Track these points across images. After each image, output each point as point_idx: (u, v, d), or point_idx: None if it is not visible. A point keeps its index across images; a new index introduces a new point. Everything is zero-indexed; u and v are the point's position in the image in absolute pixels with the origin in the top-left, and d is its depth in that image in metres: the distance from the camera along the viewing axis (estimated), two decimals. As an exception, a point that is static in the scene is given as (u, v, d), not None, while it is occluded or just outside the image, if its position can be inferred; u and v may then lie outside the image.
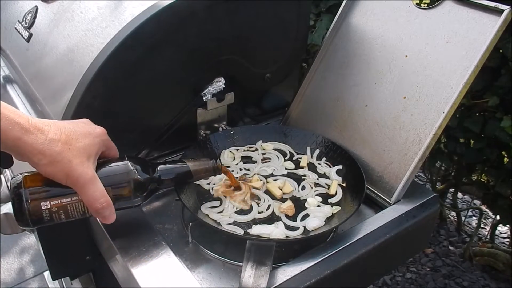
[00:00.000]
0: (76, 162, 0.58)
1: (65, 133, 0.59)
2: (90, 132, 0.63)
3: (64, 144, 0.58)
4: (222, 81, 0.89)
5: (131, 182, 0.64)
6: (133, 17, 0.75)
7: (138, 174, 0.65)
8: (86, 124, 0.65)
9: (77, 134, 0.61)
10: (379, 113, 0.86)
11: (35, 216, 0.60)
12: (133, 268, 0.65)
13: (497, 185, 1.46)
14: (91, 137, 0.62)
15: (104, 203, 0.60)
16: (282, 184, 0.83)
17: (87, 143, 0.61)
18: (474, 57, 0.74)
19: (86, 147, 0.61)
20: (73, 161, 0.58)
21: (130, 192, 0.64)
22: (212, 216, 0.75)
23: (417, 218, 0.78)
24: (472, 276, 1.80)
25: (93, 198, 0.60)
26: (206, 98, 0.89)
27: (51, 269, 0.84)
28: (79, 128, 0.62)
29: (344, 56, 0.93)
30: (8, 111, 0.56)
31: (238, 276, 0.63)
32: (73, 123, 0.64)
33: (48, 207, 0.60)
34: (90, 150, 0.61)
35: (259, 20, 0.90)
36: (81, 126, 0.64)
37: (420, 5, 0.84)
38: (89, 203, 0.60)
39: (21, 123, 0.56)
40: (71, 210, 0.62)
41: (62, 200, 0.61)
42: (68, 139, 0.59)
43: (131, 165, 0.65)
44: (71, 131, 0.60)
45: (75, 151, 0.59)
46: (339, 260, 0.68)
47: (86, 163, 0.60)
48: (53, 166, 0.58)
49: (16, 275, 1.92)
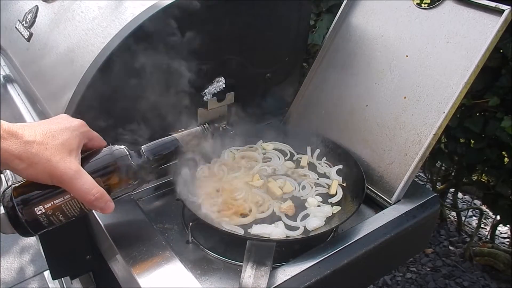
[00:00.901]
0: (56, 160, 0.57)
1: (40, 133, 0.58)
2: (67, 126, 0.62)
3: (39, 144, 0.57)
4: (222, 81, 0.89)
5: (120, 167, 0.63)
6: (133, 16, 0.75)
7: (126, 158, 0.63)
8: (62, 119, 0.64)
9: (53, 132, 0.60)
10: (379, 113, 0.86)
11: (32, 223, 0.60)
12: (133, 268, 0.65)
13: (498, 185, 1.46)
14: (69, 132, 0.61)
15: (97, 194, 0.59)
16: (282, 183, 0.83)
17: (65, 138, 0.60)
18: (474, 57, 0.74)
19: (64, 143, 0.59)
20: (53, 159, 0.57)
21: (121, 178, 0.63)
22: (212, 216, 0.75)
23: (417, 218, 0.78)
24: (472, 276, 1.80)
25: (83, 191, 0.58)
26: (206, 97, 0.89)
27: (51, 268, 0.84)
28: (54, 125, 0.61)
29: (344, 56, 0.93)
30: None
31: (238, 276, 0.63)
32: (48, 122, 0.62)
33: (43, 211, 0.59)
34: (69, 144, 0.60)
35: (259, 20, 0.90)
36: (57, 122, 0.62)
37: (420, 5, 0.84)
38: (81, 197, 0.59)
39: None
40: (67, 209, 0.61)
41: (54, 201, 0.60)
42: (44, 138, 0.58)
43: (116, 150, 0.64)
44: (45, 130, 0.59)
45: (53, 149, 0.58)
46: (339, 260, 0.68)
47: (68, 158, 0.58)
48: (33, 169, 0.57)
49: (16, 275, 1.92)
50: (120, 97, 0.78)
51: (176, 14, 0.77)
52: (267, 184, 0.83)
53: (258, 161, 0.89)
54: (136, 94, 0.80)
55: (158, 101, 0.85)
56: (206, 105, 0.91)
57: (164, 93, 0.85)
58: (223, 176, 0.84)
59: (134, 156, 0.65)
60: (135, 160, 0.65)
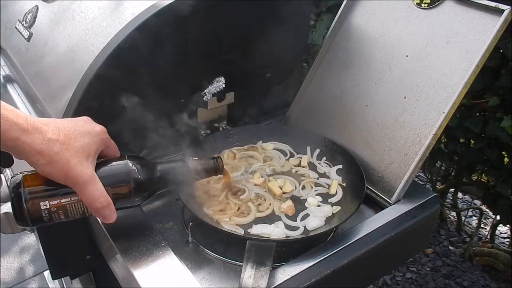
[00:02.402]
0: (74, 162, 0.58)
1: (64, 133, 0.59)
2: (89, 131, 0.63)
3: (62, 144, 0.58)
4: (222, 80, 0.89)
5: (131, 181, 0.64)
6: (133, 16, 0.75)
7: (138, 174, 0.65)
8: (85, 122, 0.65)
9: (76, 133, 0.60)
10: (379, 113, 0.86)
11: (34, 215, 0.60)
12: (133, 268, 0.65)
13: (497, 185, 1.46)
14: (90, 136, 0.62)
15: (104, 203, 0.60)
16: (282, 183, 0.83)
17: (86, 142, 0.61)
18: (474, 57, 0.74)
19: (85, 147, 0.60)
20: (71, 161, 0.58)
21: (130, 191, 0.64)
22: (212, 216, 0.75)
23: (417, 218, 0.78)
24: (472, 276, 1.80)
25: (92, 197, 0.59)
26: (206, 97, 0.89)
27: (51, 268, 0.84)
28: (78, 127, 0.62)
29: (344, 56, 0.93)
30: (7, 111, 0.55)
31: (238, 276, 0.63)
32: (72, 122, 0.63)
33: (47, 207, 0.60)
34: (89, 149, 0.61)
35: (259, 20, 0.90)
36: (80, 124, 0.63)
37: (420, 5, 0.84)
38: (89, 203, 0.60)
39: (20, 123, 0.56)
40: (71, 210, 0.62)
41: (61, 200, 0.60)
42: (67, 138, 0.59)
43: (131, 164, 0.65)
44: (69, 130, 0.60)
45: (74, 151, 0.59)
46: (339, 260, 0.68)
47: (85, 163, 0.59)
48: (51, 166, 0.57)
49: (16, 275, 1.92)
50: (120, 98, 0.78)
51: (176, 14, 0.77)
52: (267, 183, 0.83)
53: (259, 160, 0.89)
54: (136, 94, 0.80)
55: (158, 100, 0.85)
56: (206, 105, 0.91)
57: (164, 93, 0.85)
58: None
59: (145, 172, 0.66)
60: (146, 176, 0.66)
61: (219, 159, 0.74)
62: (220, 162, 0.74)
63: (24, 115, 0.57)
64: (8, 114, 0.55)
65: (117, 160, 0.66)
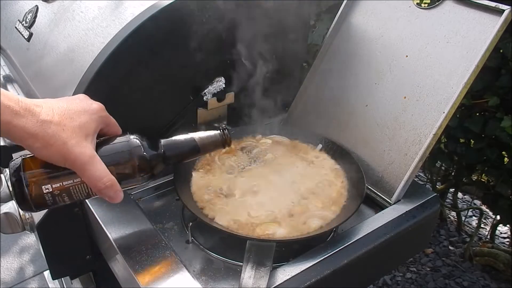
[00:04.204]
0: (72, 143, 0.55)
1: (58, 113, 0.56)
2: (86, 109, 0.59)
3: (57, 125, 0.55)
4: (222, 80, 0.89)
5: (135, 158, 0.60)
6: (133, 16, 0.75)
7: (143, 150, 0.61)
8: (81, 100, 0.61)
9: (72, 113, 0.57)
10: (379, 113, 0.86)
11: (37, 200, 0.58)
12: (133, 268, 0.65)
13: (497, 185, 1.46)
14: (87, 114, 0.59)
15: (108, 182, 0.57)
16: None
17: (83, 121, 0.57)
18: (474, 57, 0.74)
19: (82, 126, 0.57)
20: (69, 142, 0.55)
21: (135, 169, 0.61)
22: (212, 215, 0.75)
23: (417, 218, 0.78)
24: (472, 276, 1.80)
25: (94, 178, 0.56)
26: (206, 98, 0.89)
27: (51, 268, 0.84)
28: (73, 106, 0.58)
29: (344, 56, 0.93)
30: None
31: (238, 276, 0.63)
32: (67, 100, 0.59)
33: (50, 190, 0.57)
34: (87, 128, 0.57)
35: (259, 20, 0.90)
36: (76, 103, 0.59)
37: (420, 5, 0.84)
38: (92, 184, 0.57)
39: (11, 106, 0.52)
40: (74, 192, 0.59)
41: (64, 182, 0.58)
42: (62, 119, 0.56)
43: (134, 140, 0.61)
44: (64, 110, 0.57)
45: (70, 131, 0.55)
46: (339, 260, 0.68)
47: (84, 143, 0.56)
48: (48, 150, 0.55)
49: (16, 275, 1.92)
50: (120, 98, 0.78)
51: (176, 14, 0.77)
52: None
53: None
54: (136, 94, 0.80)
55: (158, 100, 0.85)
56: (206, 105, 0.91)
57: (164, 93, 0.85)
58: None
59: (150, 149, 0.63)
60: (151, 152, 0.62)
61: (226, 130, 0.69)
62: (227, 134, 0.69)
63: (15, 97, 0.53)
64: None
65: (119, 138, 0.62)
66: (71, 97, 0.61)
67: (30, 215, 0.84)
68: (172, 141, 0.66)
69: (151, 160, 0.62)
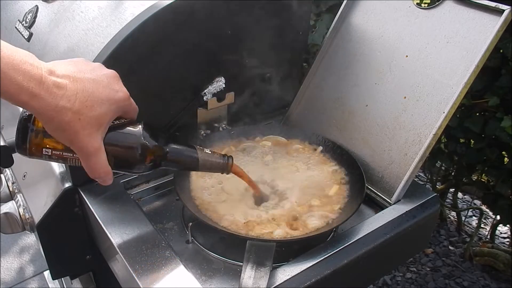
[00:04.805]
0: (83, 134, 0.55)
1: (80, 100, 0.54)
2: (109, 97, 0.57)
3: (75, 113, 0.54)
4: (222, 80, 0.89)
5: (138, 146, 0.61)
6: (133, 16, 0.75)
7: (147, 141, 0.62)
8: (109, 83, 0.58)
9: (94, 101, 0.55)
10: (379, 113, 0.86)
11: (34, 152, 0.59)
12: (133, 268, 0.65)
13: (497, 185, 1.46)
14: (108, 104, 0.57)
15: (102, 174, 0.59)
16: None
17: (101, 112, 0.56)
18: (474, 57, 0.74)
19: (99, 117, 0.56)
20: (81, 132, 0.55)
21: (135, 156, 0.62)
22: (212, 215, 0.75)
23: (417, 218, 0.78)
24: (472, 276, 1.80)
25: (93, 169, 0.58)
26: (206, 97, 0.89)
27: (51, 268, 0.84)
28: (98, 92, 0.56)
29: (344, 56, 0.93)
30: (17, 73, 0.49)
31: (238, 276, 0.63)
32: (95, 83, 0.56)
33: (48, 154, 0.59)
34: (103, 119, 0.57)
35: (259, 20, 0.90)
36: (102, 87, 0.57)
37: (420, 5, 0.84)
38: (88, 171, 0.58)
39: (30, 88, 0.50)
40: (70, 161, 0.60)
41: (64, 153, 0.59)
42: (82, 107, 0.54)
43: (143, 130, 0.62)
44: (88, 96, 0.55)
45: (86, 122, 0.55)
46: (339, 260, 0.68)
47: (94, 134, 0.56)
48: (59, 132, 0.55)
49: (16, 275, 1.92)
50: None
51: (176, 14, 0.77)
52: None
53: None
54: (136, 94, 0.80)
55: (158, 100, 0.85)
56: (206, 105, 0.91)
57: (164, 93, 0.85)
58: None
59: (155, 142, 0.63)
60: (154, 146, 0.63)
61: (231, 159, 0.72)
62: (230, 163, 0.72)
63: (38, 75, 0.51)
64: (18, 76, 0.49)
65: (132, 124, 0.63)
66: (101, 76, 0.58)
67: (30, 215, 0.84)
68: (178, 148, 0.68)
69: (152, 152, 0.63)
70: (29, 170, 0.92)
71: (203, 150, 0.70)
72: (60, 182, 0.80)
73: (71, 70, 0.55)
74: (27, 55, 0.51)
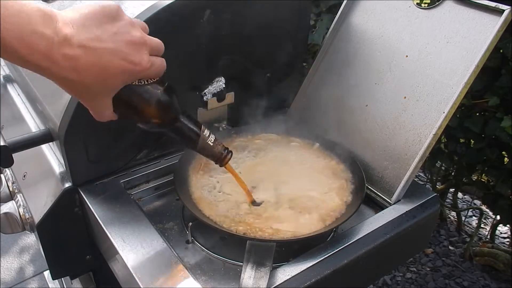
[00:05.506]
0: (94, 102, 0.55)
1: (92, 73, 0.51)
2: (125, 71, 0.54)
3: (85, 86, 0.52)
4: (222, 80, 0.89)
5: (153, 101, 0.60)
6: (133, 16, 0.75)
7: (163, 99, 0.61)
8: (129, 55, 0.53)
9: (107, 75, 0.52)
10: (379, 113, 0.86)
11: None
12: (133, 268, 0.65)
13: (497, 185, 1.46)
14: (122, 77, 0.54)
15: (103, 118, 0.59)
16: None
17: (115, 84, 0.54)
18: (474, 57, 0.74)
19: (112, 87, 0.55)
20: (91, 101, 0.55)
21: (147, 110, 0.60)
22: (212, 215, 0.75)
23: (417, 218, 0.78)
24: (472, 276, 1.80)
25: (96, 115, 0.58)
26: (206, 97, 0.89)
27: (51, 268, 0.84)
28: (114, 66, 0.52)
29: (344, 56, 0.93)
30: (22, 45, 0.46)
31: (238, 276, 0.63)
32: (113, 54, 0.52)
33: None
34: (116, 88, 0.55)
35: (259, 20, 0.90)
36: (119, 61, 0.52)
37: (420, 5, 0.84)
38: (93, 114, 0.58)
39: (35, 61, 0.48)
40: None
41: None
42: (93, 81, 0.52)
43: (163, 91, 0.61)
44: (101, 70, 0.52)
45: (96, 92, 0.54)
46: (339, 260, 0.68)
47: (106, 99, 0.56)
48: (68, 91, 0.54)
49: (16, 275, 1.92)
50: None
51: (176, 14, 0.77)
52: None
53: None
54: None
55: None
56: (206, 105, 0.91)
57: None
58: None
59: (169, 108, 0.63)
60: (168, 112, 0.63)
61: (230, 154, 0.71)
62: (228, 157, 0.71)
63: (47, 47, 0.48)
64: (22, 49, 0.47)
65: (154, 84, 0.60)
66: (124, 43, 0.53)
67: (30, 215, 0.84)
68: (186, 122, 0.66)
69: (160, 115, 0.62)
70: (29, 170, 0.92)
71: (209, 134, 0.69)
72: (60, 182, 0.80)
73: (90, 37, 0.50)
74: (42, 21, 0.47)
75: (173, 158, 0.90)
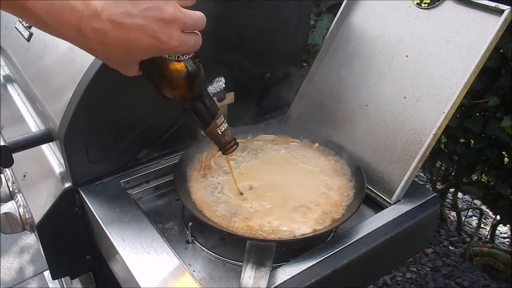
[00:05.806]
0: (122, 69, 0.58)
1: (120, 48, 0.52)
2: (153, 48, 0.53)
3: (112, 59, 0.55)
4: (223, 81, 0.89)
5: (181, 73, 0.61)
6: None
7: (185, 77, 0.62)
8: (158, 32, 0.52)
9: (134, 50, 0.53)
10: (379, 113, 0.86)
11: None
12: (133, 268, 0.65)
13: (497, 185, 1.46)
14: (151, 53, 0.55)
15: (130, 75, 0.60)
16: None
17: (142, 57, 0.55)
18: (474, 57, 0.74)
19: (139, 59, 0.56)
20: (119, 68, 0.57)
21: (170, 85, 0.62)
22: (212, 215, 0.75)
23: (417, 218, 0.78)
24: (472, 276, 1.80)
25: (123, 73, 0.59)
26: (206, 97, 0.89)
27: (51, 268, 0.84)
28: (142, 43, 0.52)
29: (344, 56, 0.93)
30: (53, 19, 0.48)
31: (238, 276, 0.63)
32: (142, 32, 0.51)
33: None
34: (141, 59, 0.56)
35: (259, 20, 0.90)
36: (147, 39, 0.52)
37: (420, 5, 0.84)
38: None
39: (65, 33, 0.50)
40: None
41: None
42: (120, 55, 0.53)
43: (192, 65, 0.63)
44: (129, 46, 0.52)
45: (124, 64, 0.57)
46: (339, 260, 0.68)
47: (133, 66, 0.57)
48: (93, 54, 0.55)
49: (16, 275, 1.92)
50: (121, 98, 0.78)
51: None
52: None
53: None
54: (136, 93, 0.80)
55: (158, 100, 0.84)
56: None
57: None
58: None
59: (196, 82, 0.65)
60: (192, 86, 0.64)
61: (235, 146, 0.73)
62: (231, 148, 0.72)
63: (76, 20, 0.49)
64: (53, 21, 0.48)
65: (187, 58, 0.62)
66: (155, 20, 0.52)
67: (30, 215, 0.84)
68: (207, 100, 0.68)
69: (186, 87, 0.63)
70: (29, 170, 0.92)
71: (221, 122, 0.70)
72: (60, 182, 0.80)
73: (120, 11, 0.50)
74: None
75: (173, 158, 0.90)
